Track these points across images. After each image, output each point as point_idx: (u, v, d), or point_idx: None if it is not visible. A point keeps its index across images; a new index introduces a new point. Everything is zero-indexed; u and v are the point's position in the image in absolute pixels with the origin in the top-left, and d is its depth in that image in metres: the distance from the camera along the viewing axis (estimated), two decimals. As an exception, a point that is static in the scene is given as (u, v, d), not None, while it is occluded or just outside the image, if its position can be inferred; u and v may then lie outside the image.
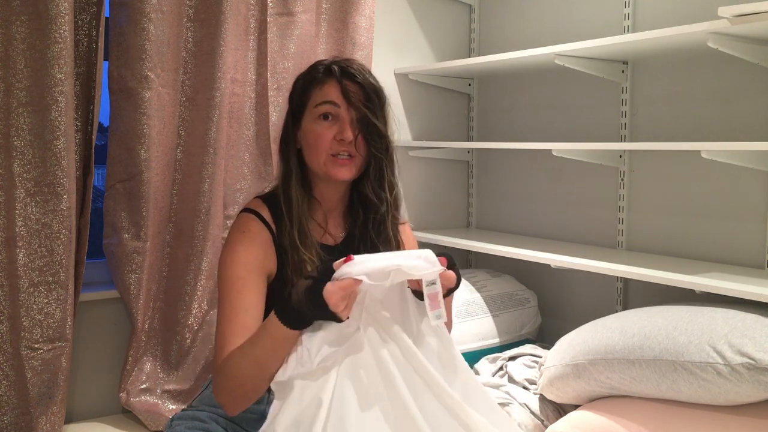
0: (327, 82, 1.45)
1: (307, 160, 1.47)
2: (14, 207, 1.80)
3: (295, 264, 1.41)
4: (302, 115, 1.47)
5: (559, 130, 2.45)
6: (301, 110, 1.48)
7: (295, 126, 1.49)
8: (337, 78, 1.44)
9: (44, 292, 1.84)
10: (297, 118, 1.49)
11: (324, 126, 1.43)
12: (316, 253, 1.43)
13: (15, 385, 1.84)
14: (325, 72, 1.46)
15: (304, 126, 1.47)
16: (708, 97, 2.02)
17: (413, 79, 2.61)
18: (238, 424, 1.44)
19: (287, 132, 1.50)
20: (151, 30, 1.94)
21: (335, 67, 1.45)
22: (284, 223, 1.43)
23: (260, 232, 1.43)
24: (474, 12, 2.76)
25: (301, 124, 1.47)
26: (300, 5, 2.22)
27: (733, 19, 1.63)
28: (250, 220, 1.45)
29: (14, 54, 1.77)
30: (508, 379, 1.98)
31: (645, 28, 2.11)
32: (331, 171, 1.44)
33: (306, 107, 1.47)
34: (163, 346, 2.13)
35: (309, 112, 1.46)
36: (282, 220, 1.45)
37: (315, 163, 1.45)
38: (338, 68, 1.45)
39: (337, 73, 1.44)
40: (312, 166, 1.47)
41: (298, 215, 1.43)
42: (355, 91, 1.44)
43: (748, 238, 1.94)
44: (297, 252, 1.41)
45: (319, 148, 1.44)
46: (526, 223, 2.60)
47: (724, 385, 1.46)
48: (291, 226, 1.42)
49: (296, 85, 1.51)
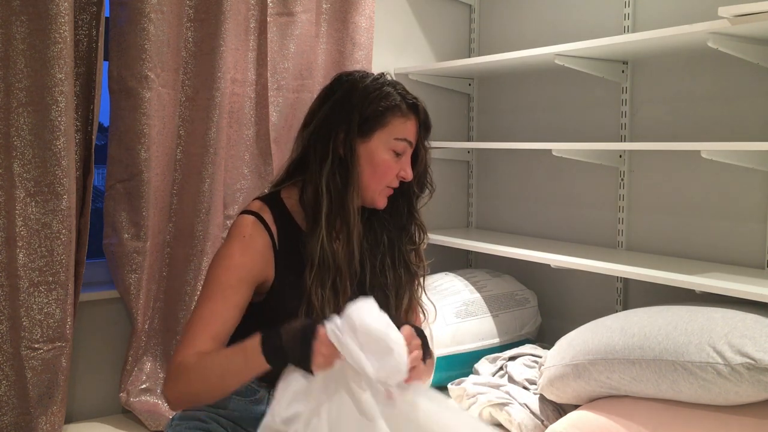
0: (410, 118, 1.46)
1: (362, 177, 1.44)
2: (14, 207, 1.80)
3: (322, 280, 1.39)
4: (372, 134, 1.43)
5: (559, 130, 2.45)
6: (373, 129, 1.43)
7: (361, 138, 1.43)
8: (421, 120, 1.48)
9: (44, 292, 1.84)
10: (365, 132, 1.43)
11: (395, 160, 1.45)
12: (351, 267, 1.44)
13: (15, 385, 1.84)
14: (410, 107, 1.46)
15: (372, 146, 1.43)
16: (708, 97, 2.02)
17: (413, 79, 2.61)
18: (239, 424, 1.44)
19: (347, 137, 1.43)
20: (151, 30, 1.94)
21: (420, 105, 1.48)
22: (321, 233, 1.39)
23: (260, 237, 1.40)
24: (474, 12, 2.76)
25: (370, 141, 1.43)
26: (300, 5, 2.22)
27: (733, 19, 1.63)
28: (251, 223, 1.41)
29: (14, 54, 1.78)
30: (508, 379, 1.98)
31: (645, 28, 2.11)
32: (380, 200, 1.47)
33: (380, 129, 1.43)
34: (163, 346, 2.13)
35: (384, 138, 1.43)
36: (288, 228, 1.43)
37: (371, 188, 1.45)
38: (422, 107, 1.48)
39: (422, 113, 1.48)
40: (366, 187, 1.44)
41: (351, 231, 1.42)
42: (423, 132, 1.49)
43: (748, 238, 1.94)
44: (340, 271, 1.40)
45: (384, 177, 1.44)
46: (526, 223, 2.60)
47: (724, 385, 1.46)
48: (345, 243, 1.41)
49: (370, 95, 1.44)
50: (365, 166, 1.43)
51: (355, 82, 1.47)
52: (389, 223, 1.54)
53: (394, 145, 1.43)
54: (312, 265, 1.39)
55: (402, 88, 1.47)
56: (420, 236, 1.56)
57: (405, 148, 1.45)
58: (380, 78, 1.48)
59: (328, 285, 1.39)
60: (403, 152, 1.45)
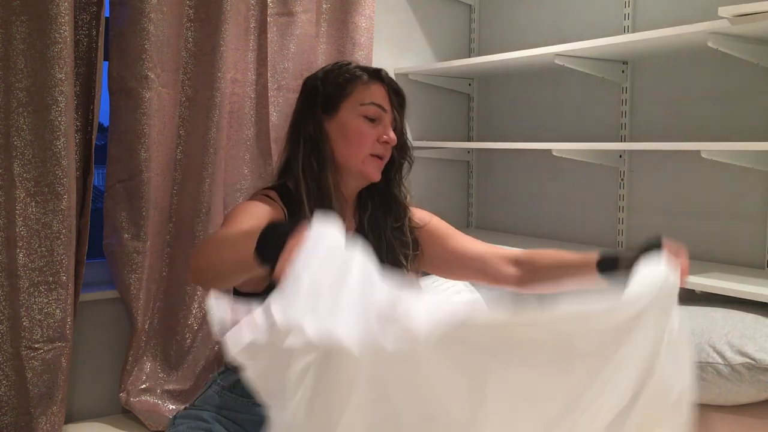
0: (374, 83, 1.48)
1: (339, 153, 1.46)
2: (14, 207, 1.80)
3: None
4: (338, 107, 1.46)
5: (559, 130, 2.45)
6: (337, 102, 1.46)
7: (328, 115, 1.47)
8: (385, 83, 1.49)
9: (44, 292, 1.84)
10: (330, 108, 1.47)
11: (368, 125, 1.45)
12: None
13: (15, 385, 1.84)
14: (372, 74, 1.49)
15: (340, 118, 1.46)
16: (708, 97, 2.02)
17: (413, 79, 2.61)
18: (241, 425, 1.44)
19: (315, 120, 1.46)
20: (151, 30, 1.94)
21: (382, 71, 1.50)
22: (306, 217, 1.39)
23: (273, 209, 1.41)
24: (474, 12, 2.76)
25: (337, 115, 1.46)
26: (300, 5, 2.22)
27: (733, 19, 1.63)
28: (263, 198, 1.43)
29: (14, 54, 1.77)
30: (508, 379, 1.98)
31: (645, 28, 2.11)
32: (368, 170, 1.47)
33: (345, 100, 1.46)
34: (163, 346, 2.13)
35: (350, 107, 1.46)
36: (297, 211, 1.42)
37: (352, 159, 1.45)
38: (384, 73, 1.50)
39: (385, 79, 1.49)
40: (346, 161, 1.46)
41: (331, 209, 1.41)
42: (395, 98, 1.50)
43: (748, 238, 1.94)
44: None
45: (362, 145, 1.45)
46: (526, 223, 2.60)
47: (724, 385, 1.46)
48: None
49: (329, 77, 1.49)
50: (338, 140, 1.46)
51: (316, 73, 1.53)
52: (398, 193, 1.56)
53: (362, 110, 1.45)
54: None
55: (365, 66, 1.52)
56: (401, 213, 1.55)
57: (377, 112, 1.46)
58: (340, 62, 1.54)
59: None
60: (377, 117, 1.46)
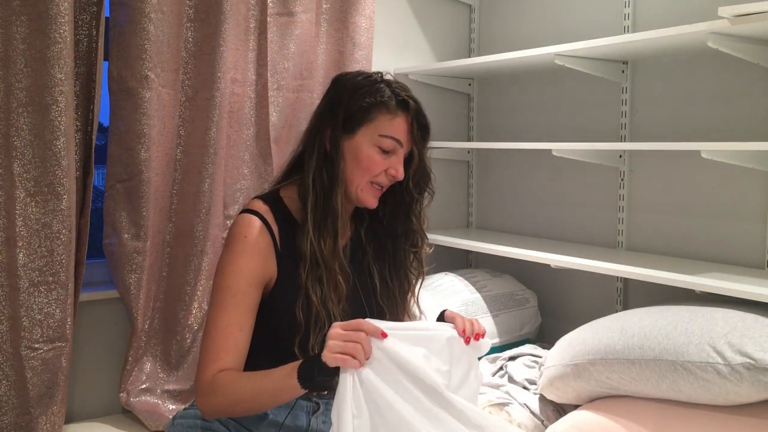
0: (398, 115, 1.43)
1: (347, 172, 1.43)
2: (14, 207, 1.80)
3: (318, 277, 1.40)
4: (357, 130, 1.42)
5: (559, 130, 2.45)
6: (358, 124, 1.42)
7: (347, 134, 1.43)
8: (411, 116, 1.44)
9: (44, 292, 1.84)
10: (350, 128, 1.43)
11: (381, 156, 1.42)
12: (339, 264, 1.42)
13: (15, 385, 1.84)
14: (399, 103, 1.43)
15: (356, 141, 1.42)
16: (708, 97, 2.02)
17: (413, 79, 2.61)
18: (242, 423, 1.44)
19: (333, 134, 1.43)
20: (151, 30, 1.94)
21: (411, 102, 1.44)
22: (308, 230, 1.40)
23: (262, 237, 1.40)
24: (474, 12, 2.76)
25: (354, 137, 1.42)
26: (300, 5, 2.22)
27: (733, 19, 1.63)
28: (252, 222, 1.41)
29: (14, 54, 1.77)
30: (508, 379, 1.98)
31: (645, 28, 2.11)
32: (364, 197, 1.45)
33: (365, 125, 1.42)
34: (163, 346, 2.13)
35: (369, 134, 1.42)
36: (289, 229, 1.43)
37: (355, 182, 1.43)
38: (413, 104, 1.44)
39: (413, 111, 1.44)
40: (350, 182, 1.44)
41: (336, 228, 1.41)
42: (417, 131, 1.45)
43: (748, 238, 1.94)
44: (328, 268, 1.40)
45: (368, 172, 1.42)
46: (526, 223, 2.60)
47: (724, 385, 1.46)
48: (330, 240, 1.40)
49: (357, 93, 1.43)
50: (349, 161, 1.43)
51: (347, 80, 1.48)
52: (392, 229, 1.53)
53: (379, 141, 1.42)
54: (305, 261, 1.40)
55: (399, 86, 1.45)
56: (419, 241, 1.55)
57: (393, 146, 1.42)
58: (374, 75, 1.47)
59: (324, 281, 1.40)
60: (392, 150, 1.43)
